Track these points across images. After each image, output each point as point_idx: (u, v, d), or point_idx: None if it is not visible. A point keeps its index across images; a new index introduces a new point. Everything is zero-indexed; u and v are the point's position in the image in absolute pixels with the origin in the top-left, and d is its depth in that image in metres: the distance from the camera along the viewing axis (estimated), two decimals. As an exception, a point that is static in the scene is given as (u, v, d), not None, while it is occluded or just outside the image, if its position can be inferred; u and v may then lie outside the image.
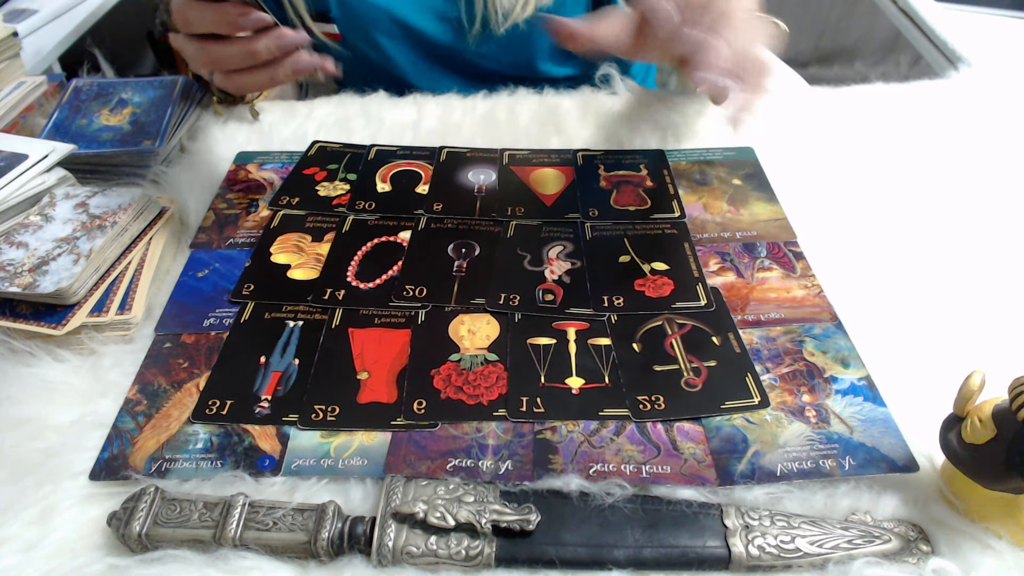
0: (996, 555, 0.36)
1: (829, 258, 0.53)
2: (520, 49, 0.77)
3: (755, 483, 0.39)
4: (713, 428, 0.42)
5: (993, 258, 0.53)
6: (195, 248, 0.56)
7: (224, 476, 0.40)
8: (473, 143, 0.67)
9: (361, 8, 0.73)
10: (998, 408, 0.34)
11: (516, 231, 0.57)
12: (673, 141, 0.67)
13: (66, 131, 0.63)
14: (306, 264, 0.54)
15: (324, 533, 0.36)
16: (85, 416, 0.44)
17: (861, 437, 0.41)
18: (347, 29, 0.76)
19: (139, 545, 0.37)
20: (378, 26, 0.75)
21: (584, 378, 0.45)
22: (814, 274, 0.52)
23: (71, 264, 0.48)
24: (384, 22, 0.74)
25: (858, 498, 0.39)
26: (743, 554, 0.36)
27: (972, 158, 0.63)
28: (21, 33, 0.74)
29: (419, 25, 0.74)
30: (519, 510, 0.37)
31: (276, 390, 0.45)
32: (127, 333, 0.48)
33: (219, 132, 0.68)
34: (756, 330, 0.48)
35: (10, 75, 0.70)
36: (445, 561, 0.36)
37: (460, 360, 0.46)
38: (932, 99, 0.71)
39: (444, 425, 0.43)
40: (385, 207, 0.59)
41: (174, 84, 0.68)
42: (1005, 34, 0.90)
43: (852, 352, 0.46)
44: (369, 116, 0.70)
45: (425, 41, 0.76)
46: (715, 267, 0.53)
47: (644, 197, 0.60)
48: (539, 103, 0.71)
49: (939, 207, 0.58)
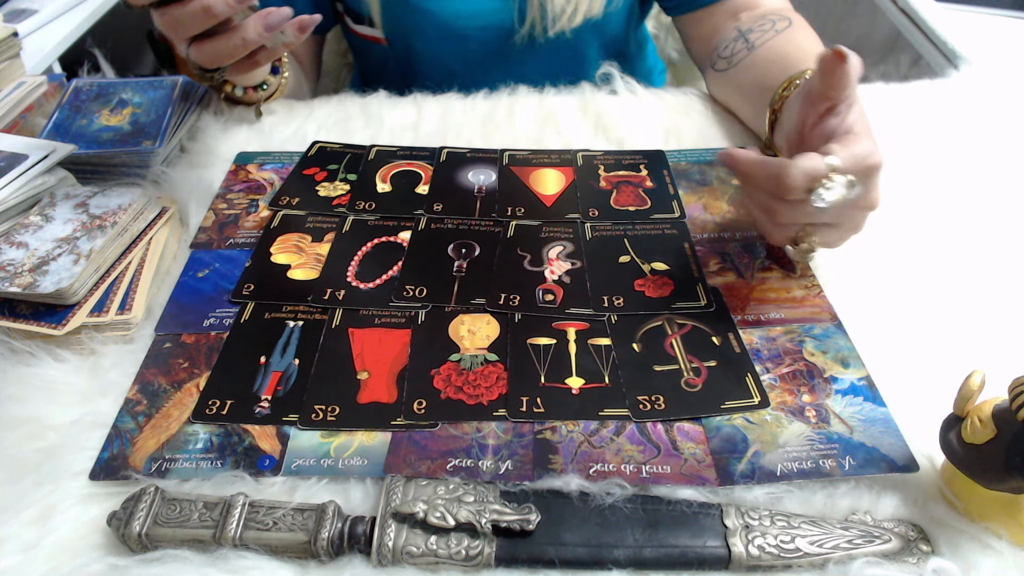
0: (996, 555, 0.36)
1: (829, 258, 0.53)
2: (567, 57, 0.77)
3: (755, 483, 0.39)
4: (713, 428, 0.42)
5: (993, 258, 0.53)
6: (195, 248, 0.56)
7: (224, 476, 0.40)
8: (473, 143, 0.67)
9: (406, 12, 0.73)
10: (998, 408, 0.34)
11: (516, 231, 0.57)
12: (673, 141, 0.67)
13: (66, 131, 0.63)
14: (306, 264, 0.54)
15: (324, 533, 0.36)
16: (85, 416, 0.44)
17: (861, 437, 0.41)
18: (392, 32, 0.76)
19: (139, 545, 0.37)
20: (423, 31, 0.75)
21: (584, 378, 0.45)
22: (814, 274, 0.52)
23: (71, 264, 0.48)
24: (429, 27, 0.74)
25: (858, 498, 0.39)
26: (743, 554, 0.36)
27: (972, 158, 0.63)
28: (21, 33, 0.74)
29: (466, 32, 0.75)
30: (519, 510, 0.37)
31: (276, 390, 0.45)
32: (127, 333, 0.48)
33: (219, 132, 0.68)
34: (756, 330, 0.48)
35: (10, 75, 0.70)
36: (445, 561, 0.36)
37: (460, 360, 0.46)
38: (932, 99, 0.71)
39: (444, 425, 0.43)
40: (385, 207, 0.59)
41: (174, 84, 0.68)
42: (1005, 34, 0.90)
43: (852, 352, 0.46)
44: (369, 116, 0.70)
45: (471, 47, 0.76)
46: (715, 267, 0.53)
47: (644, 197, 0.60)
48: (539, 103, 0.71)
49: (939, 207, 0.58)
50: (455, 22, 0.74)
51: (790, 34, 0.64)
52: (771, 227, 0.47)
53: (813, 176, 0.42)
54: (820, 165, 0.42)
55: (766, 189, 0.44)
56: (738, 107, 0.68)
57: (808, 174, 0.41)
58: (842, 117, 0.45)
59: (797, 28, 0.65)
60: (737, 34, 0.68)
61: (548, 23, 0.72)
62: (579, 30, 0.74)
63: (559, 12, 0.71)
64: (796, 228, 0.46)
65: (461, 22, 0.74)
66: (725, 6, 0.71)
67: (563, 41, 0.74)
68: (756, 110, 0.63)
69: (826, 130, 0.46)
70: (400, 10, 0.74)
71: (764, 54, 0.64)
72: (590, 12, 0.72)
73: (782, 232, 0.47)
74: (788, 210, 0.45)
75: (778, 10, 0.68)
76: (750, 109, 0.66)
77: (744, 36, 0.67)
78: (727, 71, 0.67)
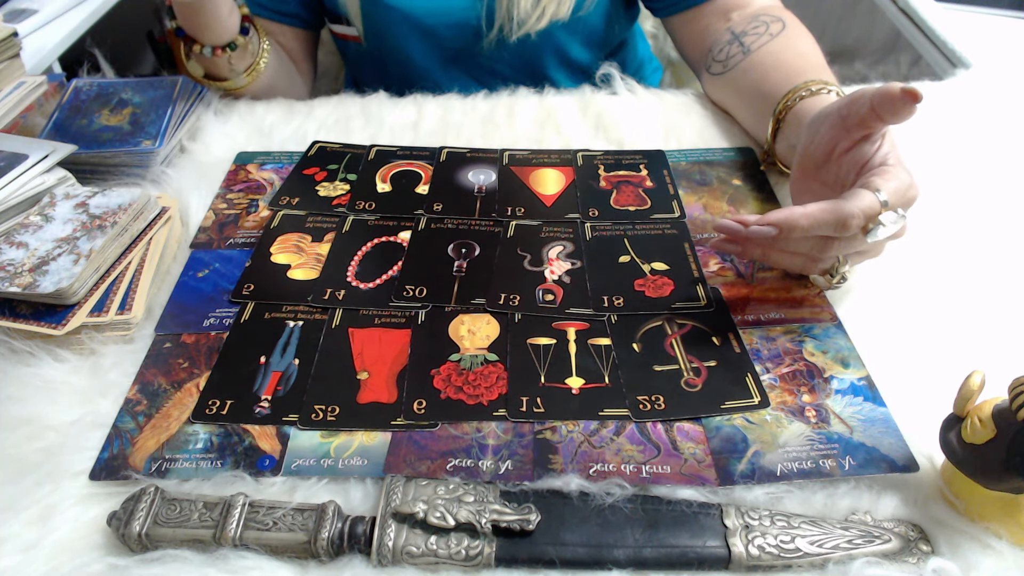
0: (996, 555, 0.36)
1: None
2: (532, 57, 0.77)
3: (755, 483, 0.39)
4: (713, 428, 0.42)
5: (993, 258, 0.53)
6: (195, 248, 0.56)
7: (224, 476, 0.40)
8: (473, 143, 0.67)
9: (379, 10, 0.74)
10: (998, 408, 0.34)
11: (516, 231, 0.57)
12: (673, 141, 0.67)
13: (66, 131, 0.63)
14: (306, 264, 0.54)
15: (324, 533, 0.36)
16: (85, 416, 0.44)
17: (861, 437, 0.41)
18: (367, 31, 0.77)
19: (139, 545, 0.37)
20: (397, 28, 0.75)
21: (584, 378, 0.45)
22: (814, 274, 0.52)
23: (71, 264, 0.48)
24: (402, 25, 0.75)
25: (858, 498, 0.39)
26: (743, 554, 0.36)
27: (972, 158, 0.63)
28: (21, 33, 0.74)
29: (436, 29, 0.75)
30: (519, 510, 0.37)
31: (276, 390, 0.45)
32: (127, 333, 0.48)
33: (219, 132, 0.68)
34: (756, 330, 0.48)
35: (10, 75, 0.70)
36: (445, 561, 0.36)
37: (460, 360, 0.46)
38: (932, 100, 0.71)
39: (444, 425, 0.43)
40: (385, 207, 0.59)
41: (174, 84, 0.68)
42: (1005, 34, 0.90)
43: (852, 352, 0.46)
44: (369, 116, 0.70)
45: (442, 44, 0.76)
46: (715, 267, 0.53)
47: (644, 197, 0.60)
48: (539, 103, 0.71)
49: (939, 207, 0.58)
50: (425, 19, 0.74)
51: (786, 38, 0.64)
52: (813, 265, 0.48)
53: (870, 215, 0.43)
54: (876, 204, 0.43)
55: (827, 235, 0.45)
56: (735, 110, 0.68)
57: (866, 213, 0.43)
58: (877, 146, 0.46)
59: (791, 30, 0.65)
60: (731, 36, 0.68)
61: (514, 26, 0.72)
62: (550, 30, 0.74)
63: (524, 17, 0.71)
64: (834, 260, 0.47)
65: (431, 20, 0.74)
66: (714, 6, 0.71)
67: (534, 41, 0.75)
68: (755, 116, 0.63)
69: (859, 157, 0.46)
70: (373, 7, 0.74)
71: (760, 59, 0.64)
72: (556, 15, 0.72)
73: (823, 266, 0.48)
74: (839, 246, 0.45)
75: (769, 9, 0.68)
76: (749, 114, 0.66)
77: (738, 39, 0.67)
78: (723, 75, 0.67)
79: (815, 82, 0.57)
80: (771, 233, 0.44)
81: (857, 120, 0.45)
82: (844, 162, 0.47)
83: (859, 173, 0.46)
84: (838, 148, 0.47)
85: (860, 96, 0.45)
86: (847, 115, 0.46)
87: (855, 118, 0.45)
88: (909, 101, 0.42)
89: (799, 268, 0.49)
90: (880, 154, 0.46)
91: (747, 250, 0.48)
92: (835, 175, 0.48)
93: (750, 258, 0.50)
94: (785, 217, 0.44)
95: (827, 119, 0.48)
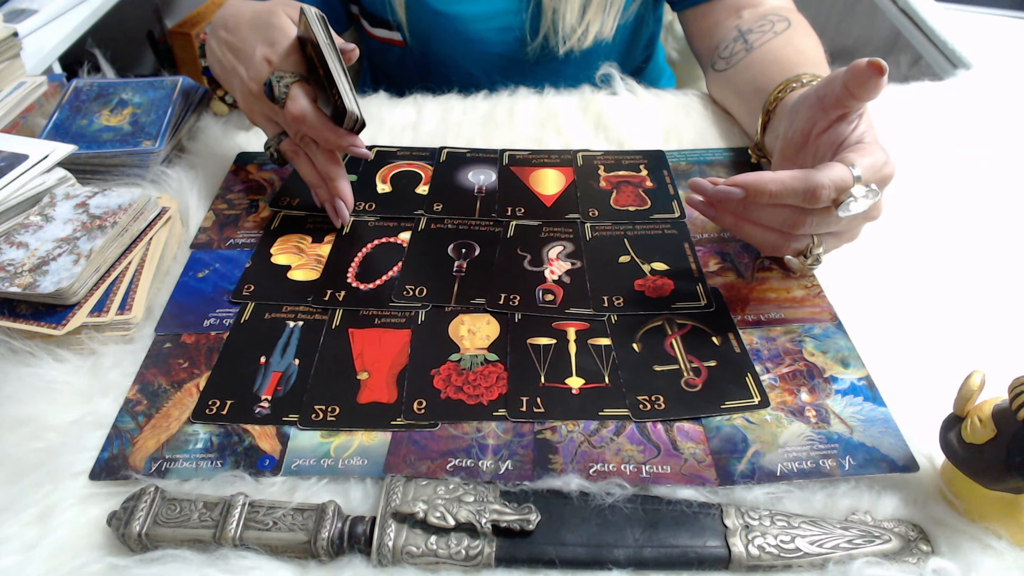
0: (996, 555, 0.36)
1: (829, 258, 0.53)
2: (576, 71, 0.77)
3: (755, 483, 0.39)
4: (713, 428, 0.42)
5: (993, 258, 0.53)
6: (195, 248, 0.56)
7: (224, 476, 0.40)
8: (473, 143, 0.67)
9: (425, 15, 0.74)
10: (998, 408, 0.34)
11: (516, 231, 0.57)
12: (673, 141, 0.67)
13: (66, 131, 0.63)
14: (306, 265, 0.54)
15: (324, 533, 0.36)
16: (85, 416, 0.44)
17: (861, 437, 0.41)
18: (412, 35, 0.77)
19: (139, 545, 0.37)
20: (441, 33, 0.76)
21: (584, 378, 0.45)
22: (814, 274, 0.52)
23: (71, 264, 0.48)
24: (448, 32, 0.75)
25: (858, 498, 0.39)
26: (743, 554, 0.36)
27: (972, 158, 0.63)
28: (21, 33, 0.74)
29: (482, 36, 0.75)
30: (519, 510, 0.37)
31: (276, 390, 0.45)
32: (127, 333, 0.48)
33: (219, 132, 0.68)
34: (756, 330, 0.48)
35: (10, 75, 0.70)
36: (445, 561, 0.36)
37: (460, 360, 0.46)
38: (932, 99, 0.71)
39: (444, 425, 0.43)
40: (385, 208, 0.59)
41: (174, 84, 0.68)
42: (1005, 34, 0.90)
43: (852, 352, 0.46)
44: (369, 116, 0.70)
45: (487, 52, 0.77)
46: (715, 267, 0.53)
47: (644, 197, 0.60)
48: (539, 103, 0.71)
49: (939, 207, 0.58)
50: (471, 24, 0.74)
51: (788, 36, 0.64)
52: (784, 242, 0.47)
53: (841, 187, 0.42)
54: (848, 176, 0.42)
55: (797, 204, 0.44)
56: (733, 107, 0.69)
57: (837, 185, 0.42)
58: (854, 125, 0.46)
59: (795, 29, 0.65)
60: (737, 34, 0.68)
61: (559, 41, 0.73)
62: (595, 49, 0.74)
63: (569, 32, 0.72)
64: (807, 240, 0.47)
65: (477, 24, 0.75)
66: (726, 3, 0.71)
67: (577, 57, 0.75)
68: (750, 111, 0.64)
69: (835, 137, 0.46)
70: (419, 12, 0.74)
71: (761, 56, 0.64)
72: (601, 34, 0.73)
73: (796, 245, 0.47)
74: (811, 222, 0.45)
75: (778, 9, 0.68)
76: (744, 110, 0.66)
77: (744, 36, 0.67)
78: (726, 71, 0.68)
79: (808, 75, 0.57)
80: (738, 194, 0.44)
81: (833, 100, 0.45)
82: (821, 143, 0.47)
83: (835, 152, 0.46)
84: (815, 129, 0.47)
85: (835, 76, 0.45)
86: (824, 95, 0.46)
87: (831, 98, 0.45)
88: (875, 73, 0.42)
89: (772, 246, 0.48)
90: (856, 133, 0.46)
91: (719, 216, 0.48)
92: (813, 156, 0.48)
93: (722, 225, 0.49)
94: (754, 180, 0.44)
95: (805, 101, 0.48)
